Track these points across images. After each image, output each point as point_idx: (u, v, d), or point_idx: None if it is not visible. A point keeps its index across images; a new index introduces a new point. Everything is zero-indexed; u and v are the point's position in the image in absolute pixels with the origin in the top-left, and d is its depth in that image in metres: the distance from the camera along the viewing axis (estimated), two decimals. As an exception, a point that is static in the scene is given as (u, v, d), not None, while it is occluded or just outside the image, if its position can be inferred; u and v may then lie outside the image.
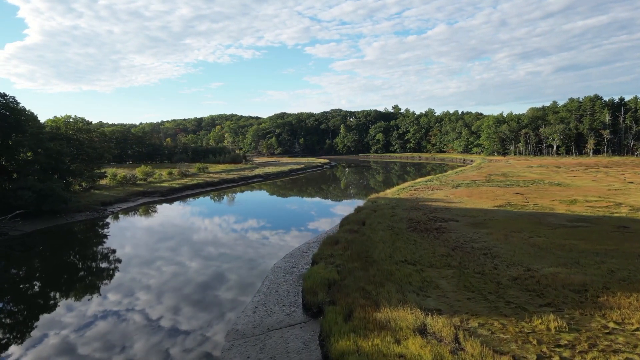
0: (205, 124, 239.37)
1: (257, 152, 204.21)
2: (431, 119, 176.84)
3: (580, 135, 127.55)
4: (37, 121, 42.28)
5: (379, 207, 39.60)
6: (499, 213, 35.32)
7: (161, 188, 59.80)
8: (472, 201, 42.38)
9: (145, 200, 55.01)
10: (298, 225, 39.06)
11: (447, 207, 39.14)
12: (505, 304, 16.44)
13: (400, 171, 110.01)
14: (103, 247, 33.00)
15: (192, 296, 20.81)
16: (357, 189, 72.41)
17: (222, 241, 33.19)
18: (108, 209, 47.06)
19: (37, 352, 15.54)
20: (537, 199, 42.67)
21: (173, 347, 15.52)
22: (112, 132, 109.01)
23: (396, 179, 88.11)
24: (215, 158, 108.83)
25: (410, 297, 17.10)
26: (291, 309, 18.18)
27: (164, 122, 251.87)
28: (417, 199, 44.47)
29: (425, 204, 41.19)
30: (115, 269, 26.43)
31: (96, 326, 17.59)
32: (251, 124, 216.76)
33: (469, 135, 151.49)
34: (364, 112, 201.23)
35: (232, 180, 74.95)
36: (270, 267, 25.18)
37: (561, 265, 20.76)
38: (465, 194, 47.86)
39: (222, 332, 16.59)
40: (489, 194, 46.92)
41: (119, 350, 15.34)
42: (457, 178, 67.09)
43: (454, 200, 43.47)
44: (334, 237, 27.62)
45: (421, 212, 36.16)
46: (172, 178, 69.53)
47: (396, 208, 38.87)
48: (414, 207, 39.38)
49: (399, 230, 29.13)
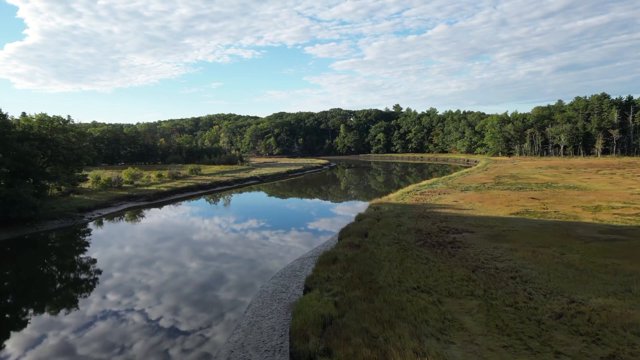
0: (203, 124, 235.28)
1: (256, 152, 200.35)
2: (433, 118, 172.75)
3: (588, 135, 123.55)
4: (5, 119, 38.31)
5: (383, 214, 35.65)
6: (518, 222, 31.35)
7: (148, 192, 55.84)
8: (485, 207, 38.43)
9: (130, 205, 51.06)
10: (292, 235, 35.14)
11: (458, 214, 35.17)
12: (554, 356, 12.49)
13: (403, 172, 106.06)
14: (67, 264, 29.06)
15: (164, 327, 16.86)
16: (358, 192, 68.48)
17: (206, 253, 29.24)
18: (86, 216, 43.10)
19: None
20: (556, 205, 38.72)
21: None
22: (104, 132, 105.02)
23: (399, 181, 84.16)
24: (210, 159, 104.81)
25: (429, 344, 13.13)
26: (275, 356, 14.21)
27: (161, 122, 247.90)
28: (424, 205, 40.52)
29: (434, 210, 37.23)
30: (73, 298, 22.46)
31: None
32: (249, 124, 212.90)
33: (472, 135, 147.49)
34: (364, 112, 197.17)
35: (225, 182, 70.99)
36: (256, 291, 21.24)
37: (611, 295, 16.82)
38: (476, 198, 43.91)
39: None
40: (502, 199, 42.97)
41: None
42: (465, 180, 63.13)
43: (465, 206, 39.50)
44: (332, 253, 23.67)
45: (430, 221, 32.20)
46: (161, 181, 65.59)
47: (402, 216, 34.92)
48: (422, 214, 35.42)
49: (407, 245, 25.18)
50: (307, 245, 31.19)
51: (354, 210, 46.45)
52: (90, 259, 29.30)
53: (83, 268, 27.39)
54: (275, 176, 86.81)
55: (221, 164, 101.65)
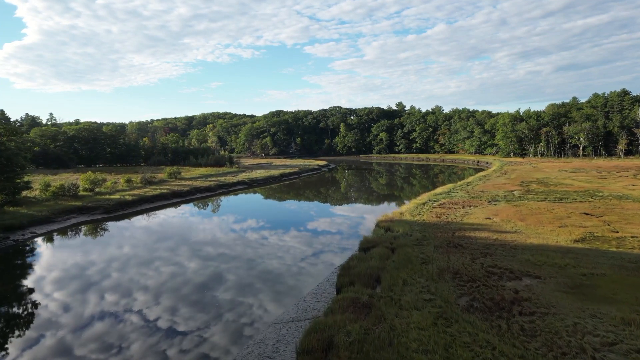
0: (197, 123, 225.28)
1: (251, 152, 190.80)
2: (439, 116, 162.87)
3: (609, 134, 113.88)
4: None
5: (398, 240, 26.04)
6: (596, 258, 21.73)
7: (107, 202, 46.20)
8: (533, 230, 28.81)
9: (80, 219, 41.47)
10: (273, 275, 25.52)
11: (502, 241, 25.55)
12: None
13: (406, 174, 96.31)
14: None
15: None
16: (361, 201, 58.87)
17: (156, 303, 19.67)
18: (12, 237, 33.48)
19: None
20: (626, 226, 29.14)
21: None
22: (79, 131, 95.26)
23: (408, 187, 74.54)
24: (197, 160, 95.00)
25: None
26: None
27: (154, 120, 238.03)
28: (449, 225, 30.92)
29: (466, 234, 27.62)
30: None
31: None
32: (245, 123, 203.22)
33: (481, 134, 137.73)
34: (365, 110, 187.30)
35: (207, 188, 61.35)
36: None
37: None
38: (514, 214, 34.29)
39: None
40: (548, 216, 33.37)
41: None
42: (487, 187, 53.52)
43: (504, 227, 29.88)
44: (324, 329, 14.07)
45: (468, 255, 22.59)
46: (130, 187, 55.93)
47: (424, 243, 25.32)
48: (451, 241, 25.82)
49: (447, 308, 15.61)
50: (290, 292, 21.56)
51: (357, 230, 36.86)
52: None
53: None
54: (267, 180, 77.11)
55: (208, 166, 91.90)
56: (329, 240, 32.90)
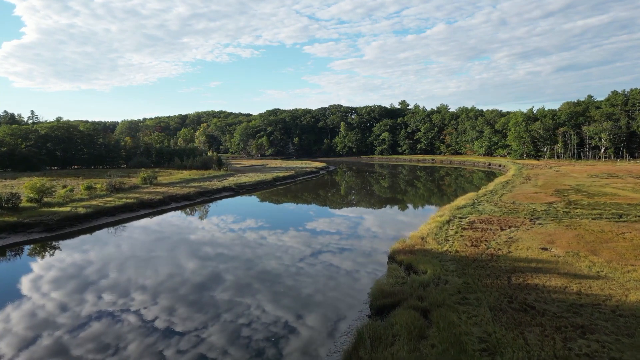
0: (190, 122, 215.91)
1: (246, 153, 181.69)
2: (445, 115, 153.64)
3: (632, 134, 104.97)
4: None
5: (429, 294, 17.06)
6: None
7: (52, 216, 37.22)
8: (618, 271, 19.83)
9: (9, 241, 32.55)
10: (245, 336, 16.66)
11: (589, 299, 16.58)
12: None
13: (411, 176, 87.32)
14: None
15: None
16: (369, 220, 50.00)
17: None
18: None
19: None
20: None
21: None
22: (52, 129, 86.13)
23: (416, 195, 65.63)
24: (182, 162, 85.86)
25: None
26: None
27: (146, 119, 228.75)
28: (495, 261, 21.92)
29: (529, 282, 18.63)
30: None
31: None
32: (240, 122, 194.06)
33: (492, 134, 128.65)
34: (367, 108, 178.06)
35: (184, 196, 52.36)
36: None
37: None
38: (577, 243, 25.32)
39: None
40: (624, 245, 24.43)
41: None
42: (517, 198, 44.57)
43: (576, 265, 20.87)
44: None
45: (551, 328, 13.60)
46: (90, 196, 46.91)
47: (471, 300, 16.37)
48: (512, 296, 16.82)
49: None
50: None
51: (363, 265, 27.93)
52: None
53: None
54: (257, 185, 68.05)
55: (194, 168, 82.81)
56: (329, 285, 23.90)
